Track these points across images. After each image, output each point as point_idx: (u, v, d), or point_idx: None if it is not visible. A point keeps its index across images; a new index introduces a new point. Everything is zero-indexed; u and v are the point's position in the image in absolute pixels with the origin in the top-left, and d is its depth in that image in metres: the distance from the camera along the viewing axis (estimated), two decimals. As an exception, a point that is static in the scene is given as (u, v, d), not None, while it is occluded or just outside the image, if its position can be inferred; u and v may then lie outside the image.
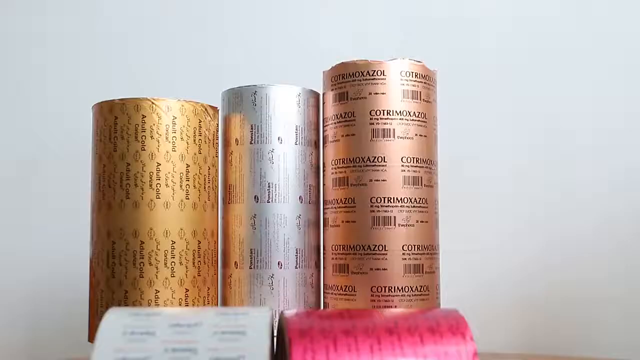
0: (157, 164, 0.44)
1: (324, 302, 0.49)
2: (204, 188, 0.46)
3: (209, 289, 0.46)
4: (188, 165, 0.45)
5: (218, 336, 0.31)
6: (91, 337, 0.45)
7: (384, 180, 0.46)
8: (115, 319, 0.32)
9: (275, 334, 0.48)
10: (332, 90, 0.48)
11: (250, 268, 0.47)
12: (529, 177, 0.68)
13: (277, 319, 0.47)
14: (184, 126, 0.45)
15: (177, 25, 0.75)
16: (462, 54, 0.70)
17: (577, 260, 0.67)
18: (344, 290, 0.46)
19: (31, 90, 0.76)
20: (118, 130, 0.44)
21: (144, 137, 0.44)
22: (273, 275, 0.47)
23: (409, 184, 0.46)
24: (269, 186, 0.47)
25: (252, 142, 0.48)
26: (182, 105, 0.45)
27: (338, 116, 0.48)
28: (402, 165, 0.46)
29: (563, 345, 0.66)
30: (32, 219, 0.75)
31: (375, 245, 0.46)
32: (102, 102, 0.45)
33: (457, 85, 0.70)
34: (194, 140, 0.45)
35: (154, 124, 0.44)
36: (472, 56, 0.70)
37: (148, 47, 0.75)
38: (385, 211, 0.46)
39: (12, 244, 0.74)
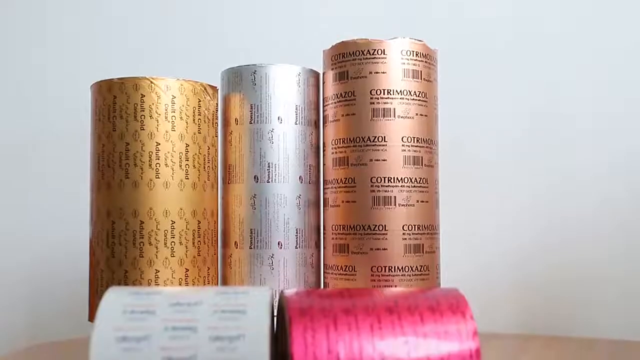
0: (156, 144, 0.44)
1: (324, 282, 0.49)
2: (204, 168, 0.46)
3: (209, 268, 0.46)
4: (187, 145, 0.45)
5: (218, 315, 0.31)
6: (91, 317, 0.45)
7: (384, 160, 0.46)
8: (115, 298, 0.32)
9: (275, 313, 0.48)
10: (332, 69, 0.48)
11: (250, 248, 0.47)
12: (529, 158, 0.68)
13: (277, 299, 0.47)
14: (183, 105, 0.45)
15: (177, 5, 0.74)
16: (462, 36, 0.69)
17: (576, 241, 0.67)
18: (344, 270, 0.46)
19: (30, 70, 0.76)
20: (117, 110, 0.44)
21: (142, 117, 0.44)
22: (273, 255, 0.47)
23: (409, 164, 0.46)
24: (268, 166, 0.47)
25: (252, 121, 0.47)
26: (181, 85, 0.45)
27: (338, 95, 0.47)
28: (403, 145, 0.46)
29: (562, 326, 0.67)
30: (31, 199, 0.75)
31: (376, 225, 0.46)
32: (100, 81, 0.45)
33: (457, 66, 0.70)
34: (194, 120, 0.45)
35: (152, 104, 0.44)
36: (471, 39, 0.69)
37: (147, 26, 0.74)
38: (386, 191, 0.46)
39: (11, 225, 0.74)
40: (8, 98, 0.75)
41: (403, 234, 0.46)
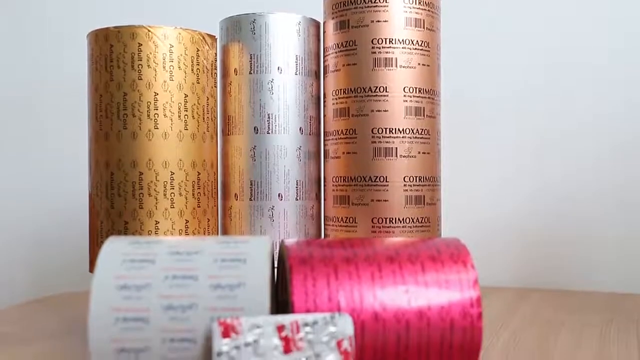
0: (154, 94, 0.43)
1: (324, 234, 0.49)
2: (203, 119, 0.45)
3: (209, 220, 0.46)
4: (186, 95, 0.44)
5: (218, 264, 0.31)
6: (92, 268, 0.45)
7: (385, 111, 0.45)
8: (114, 247, 0.32)
9: (275, 265, 0.48)
10: (333, 18, 0.47)
11: (251, 200, 0.47)
12: (529, 113, 0.68)
13: (277, 251, 0.47)
14: (181, 55, 0.44)
15: (173, -46, 0.73)
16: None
17: (576, 197, 0.66)
18: (345, 222, 0.46)
19: (28, 19, 0.74)
20: (114, 59, 0.43)
21: (140, 66, 0.43)
22: (273, 207, 0.47)
23: (411, 115, 0.45)
24: (268, 117, 0.47)
25: (252, 72, 0.47)
26: (179, 33, 0.44)
27: (339, 45, 0.47)
28: (404, 96, 0.45)
29: (561, 280, 0.67)
30: (31, 152, 0.74)
31: (376, 177, 0.45)
32: (97, 29, 0.44)
33: (457, 17, 0.68)
34: (192, 70, 0.44)
35: (150, 53, 0.43)
36: (476, -14, 0.68)
37: (144, -24, 0.73)
38: (387, 142, 0.45)
39: (11, 178, 0.74)
40: (7, 48, 0.74)
41: (404, 185, 0.45)
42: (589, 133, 0.66)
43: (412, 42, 0.46)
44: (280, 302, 0.38)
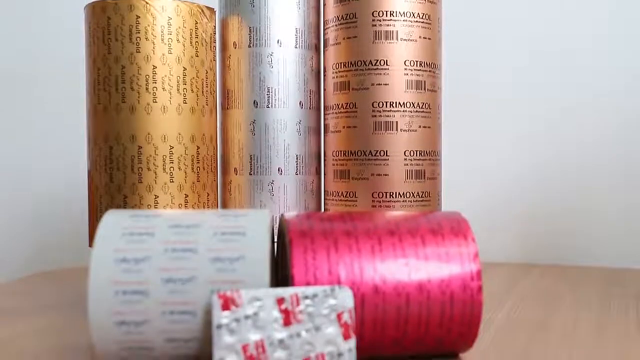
0: (153, 67, 0.43)
1: (324, 209, 0.49)
2: (202, 92, 0.45)
3: (208, 195, 0.46)
4: (185, 69, 0.44)
5: (218, 237, 0.31)
6: (91, 243, 0.45)
7: (386, 85, 0.45)
8: (113, 220, 0.32)
9: (275, 239, 0.48)
10: (333, -10, 0.46)
11: (250, 174, 0.47)
12: (529, 88, 0.67)
13: (277, 225, 0.47)
14: (179, 27, 0.43)
15: None
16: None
17: (577, 171, 0.66)
18: (345, 197, 0.46)
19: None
20: (112, 32, 0.43)
21: (138, 39, 0.42)
22: (273, 181, 0.47)
23: (412, 88, 0.45)
24: (268, 91, 0.46)
25: (251, 45, 0.46)
26: (178, 6, 0.43)
27: (339, 18, 0.46)
28: (405, 69, 0.45)
29: (562, 255, 0.67)
30: (29, 128, 0.74)
31: (377, 151, 0.45)
32: (94, 2, 0.44)
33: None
34: (191, 43, 0.44)
35: (148, 25, 0.43)
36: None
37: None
38: (387, 116, 0.45)
39: (9, 154, 0.74)
40: (5, 21, 0.74)
41: (405, 159, 0.45)
42: (590, 107, 0.66)
43: (413, 15, 0.45)
44: (281, 277, 0.38)
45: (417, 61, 0.45)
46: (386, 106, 0.45)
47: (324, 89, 0.48)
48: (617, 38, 0.65)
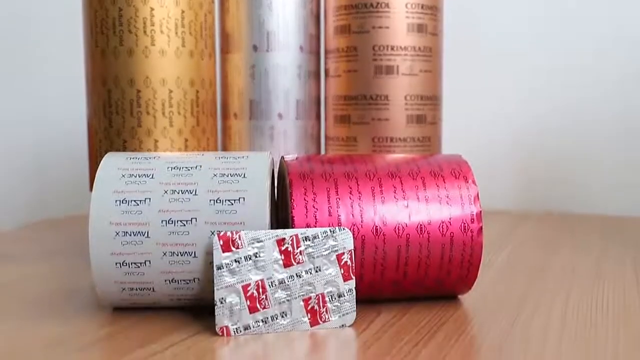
0: (150, 9, 0.42)
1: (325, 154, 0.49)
2: (201, 36, 0.44)
3: (208, 139, 0.45)
4: (183, 11, 0.43)
5: (218, 178, 0.31)
6: (92, 187, 0.45)
7: (387, 28, 0.44)
8: (113, 162, 0.32)
9: (275, 183, 0.48)
10: None
11: (250, 119, 0.46)
12: (532, 36, 0.66)
13: (276, 169, 0.47)
14: (177, -32, 0.42)
15: None
16: None
17: (577, 123, 0.66)
18: (345, 141, 0.46)
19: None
20: (108, -27, 0.42)
21: (135, -20, 0.42)
22: (273, 126, 0.46)
23: (413, 31, 0.44)
24: (268, 34, 0.46)
25: (250, -13, 0.45)
26: (175, -54, 0.42)
27: (340, -41, 0.45)
28: (407, 12, 0.44)
29: (560, 205, 0.67)
30: (29, 75, 0.73)
31: (378, 95, 0.45)
32: (89, -58, 0.43)
33: None
34: (189, -16, 0.43)
35: (145, -34, 0.42)
36: None
37: None
38: (389, 60, 0.44)
39: (9, 103, 0.73)
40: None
41: (405, 104, 0.45)
42: (591, 59, 0.65)
43: (416, -45, 0.44)
44: (281, 219, 0.38)
45: (418, 4, 0.44)
46: (387, 50, 0.44)
47: (324, 33, 0.47)
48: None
